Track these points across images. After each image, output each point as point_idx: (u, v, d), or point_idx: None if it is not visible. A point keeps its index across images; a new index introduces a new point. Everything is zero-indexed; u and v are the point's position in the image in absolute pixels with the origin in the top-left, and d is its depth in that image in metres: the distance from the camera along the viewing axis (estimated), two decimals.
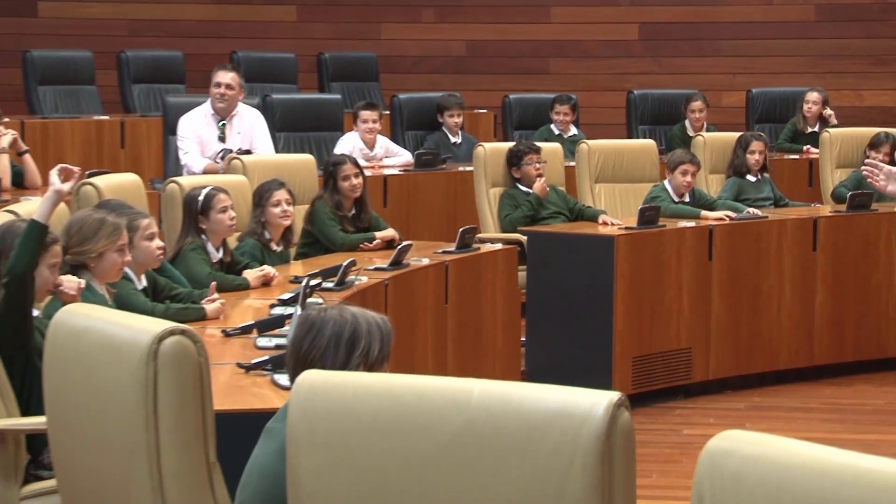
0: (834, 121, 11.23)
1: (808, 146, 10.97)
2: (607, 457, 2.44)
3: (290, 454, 2.76)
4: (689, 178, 8.83)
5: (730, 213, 8.66)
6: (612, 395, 2.48)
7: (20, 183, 8.48)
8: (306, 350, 3.38)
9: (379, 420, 2.67)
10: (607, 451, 2.44)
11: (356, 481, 2.68)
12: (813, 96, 11.37)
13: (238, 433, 3.60)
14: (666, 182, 8.92)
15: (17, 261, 4.78)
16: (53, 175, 5.14)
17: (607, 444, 2.44)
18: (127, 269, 5.49)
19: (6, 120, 8.76)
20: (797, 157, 10.93)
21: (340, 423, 2.71)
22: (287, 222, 7.14)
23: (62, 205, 5.64)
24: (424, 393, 2.67)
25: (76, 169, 5.31)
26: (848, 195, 9.14)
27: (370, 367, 3.35)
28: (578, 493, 2.43)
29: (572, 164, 9.52)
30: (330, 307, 3.53)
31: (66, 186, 5.16)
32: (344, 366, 3.34)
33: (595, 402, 2.47)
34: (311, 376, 2.81)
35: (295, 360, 3.39)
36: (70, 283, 5.00)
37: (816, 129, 11.04)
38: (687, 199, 8.85)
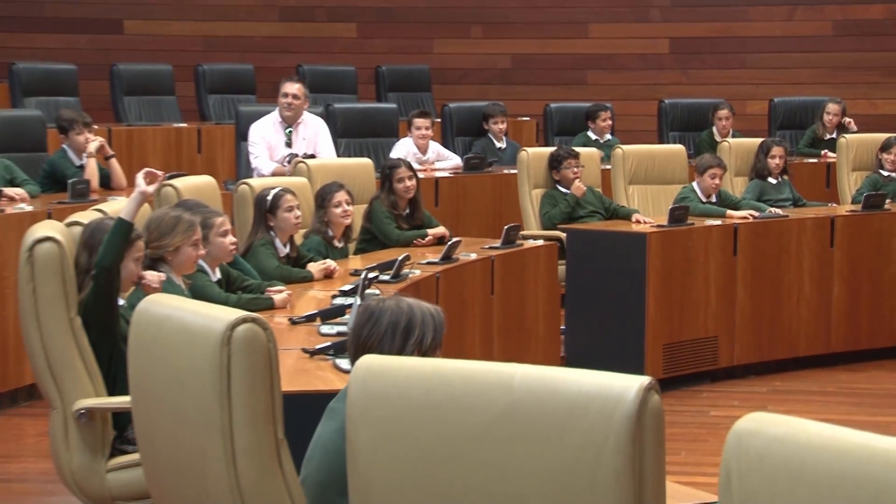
0: (854, 128, 11.19)
1: (826, 151, 10.95)
2: (638, 436, 2.44)
3: (349, 431, 2.78)
4: (716, 181, 8.83)
5: (753, 212, 8.65)
6: (644, 380, 2.48)
7: (107, 184, 8.55)
8: (365, 337, 3.40)
9: (430, 400, 2.68)
10: (638, 430, 2.44)
11: (408, 456, 2.69)
12: (833, 108, 11.34)
13: (303, 412, 3.61)
14: (695, 184, 8.91)
15: (104, 255, 4.81)
16: (139, 177, 5.17)
17: (638, 424, 2.44)
18: (202, 263, 5.53)
19: (95, 127, 8.82)
20: (815, 160, 10.89)
21: (395, 403, 2.73)
22: (347, 221, 7.15)
23: (146, 204, 5.68)
24: (472, 376, 2.68)
25: (160, 172, 5.34)
26: (863, 196, 9.13)
27: (423, 353, 3.36)
28: (612, 469, 2.43)
29: (608, 167, 9.50)
30: (387, 298, 3.54)
31: (151, 188, 5.19)
32: (399, 352, 3.35)
33: (627, 385, 2.47)
34: (368, 360, 2.83)
35: (355, 346, 3.41)
36: (153, 276, 5.04)
37: (834, 135, 10.99)
38: (714, 199, 8.83)
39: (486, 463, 2.59)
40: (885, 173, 9.67)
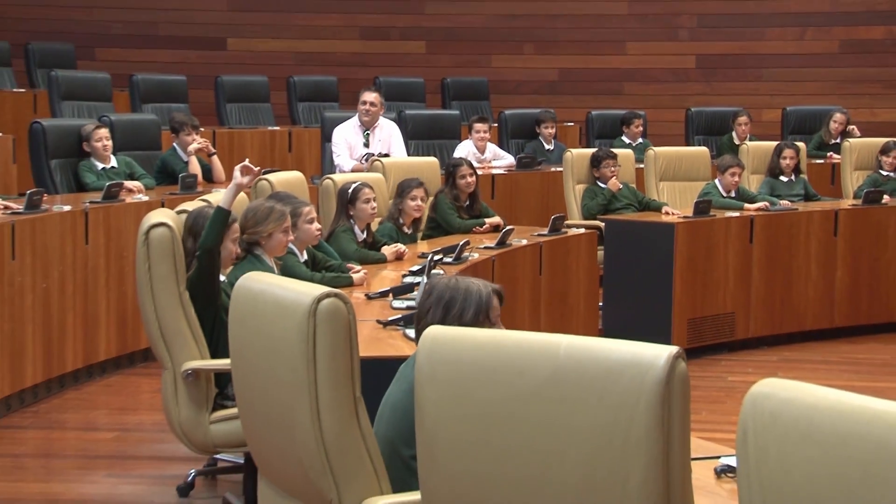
0: (857, 134, 11.11)
1: (831, 153, 10.88)
2: (667, 398, 2.42)
3: (417, 392, 2.77)
4: (736, 178, 8.82)
5: (767, 203, 8.62)
6: (672, 349, 2.46)
7: (209, 178, 8.60)
8: (420, 307, 3.45)
9: (486, 365, 2.67)
10: (667, 393, 2.43)
11: (468, 413, 2.69)
12: (839, 117, 11.29)
13: (376, 375, 3.62)
14: (717, 181, 8.88)
15: (206, 238, 4.84)
16: (237, 171, 5.20)
17: (667, 387, 2.42)
18: (292, 245, 5.54)
19: (202, 130, 8.88)
20: (822, 161, 10.80)
21: (457, 368, 2.72)
22: (419, 214, 7.15)
23: (243, 194, 5.71)
24: (522, 345, 2.66)
25: (255, 167, 5.36)
26: (864, 192, 9.11)
27: (465, 325, 3.36)
28: (644, 427, 2.42)
29: (641, 166, 9.46)
30: (448, 277, 3.55)
31: (245, 180, 5.22)
32: (440, 322, 3.33)
33: (658, 354, 2.45)
34: (434, 330, 2.82)
35: (417, 317, 3.45)
36: None
37: (838, 140, 10.90)
38: (733, 194, 8.80)
39: (534, 421, 2.58)
40: (884, 173, 9.65)
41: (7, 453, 6.02)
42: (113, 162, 8.11)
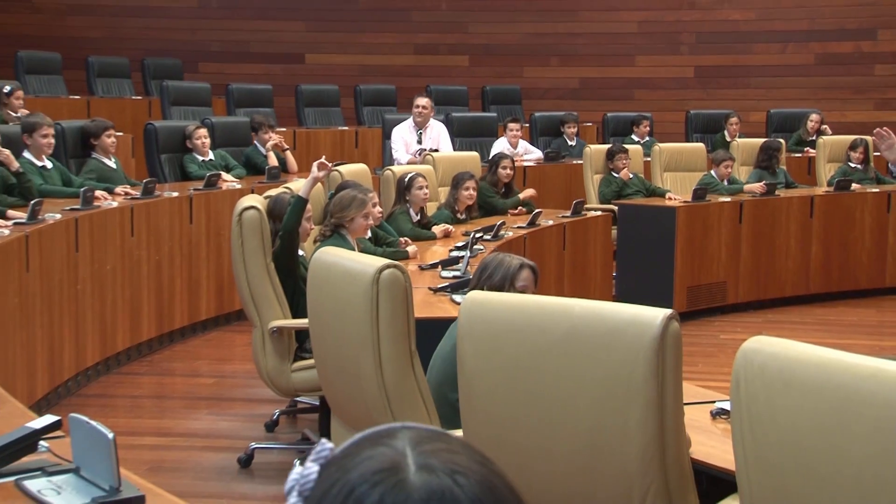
0: (829, 132, 10.97)
1: (808, 148, 10.76)
2: (661, 352, 2.45)
3: (459, 345, 2.79)
4: (728, 169, 8.80)
5: (755, 189, 8.60)
6: (667, 312, 2.49)
7: (284, 169, 8.60)
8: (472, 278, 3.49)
9: (515, 324, 2.68)
10: (661, 348, 2.45)
11: (499, 363, 2.71)
12: (815, 117, 11.15)
13: (428, 332, 3.63)
14: (713, 171, 8.84)
15: (287, 221, 4.88)
16: (314, 166, 5.21)
17: (662, 343, 2.45)
18: None
19: (281, 130, 8.89)
20: (800, 155, 10.67)
21: (491, 325, 2.74)
22: (471, 202, 7.17)
23: (319, 185, 5.71)
24: (544, 306, 2.68)
25: (330, 163, 5.38)
26: (835, 181, 9.03)
27: (495, 288, 3.38)
28: (642, 375, 2.46)
29: (648, 159, 9.39)
30: (498, 253, 3.61)
31: (321, 174, 5.24)
32: (475, 286, 3.40)
33: (655, 315, 2.48)
34: (473, 295, 2.84)
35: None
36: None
37: (814, 138, 10.76)
38: (726, 182, 8.73)
39: (552, 370, 2.61)
40: (853, 165, 9.55)
41: (127, 395, 6.09)
42: (211, 155, 8.15)
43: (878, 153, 5.79)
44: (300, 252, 5.01)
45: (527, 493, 0.93)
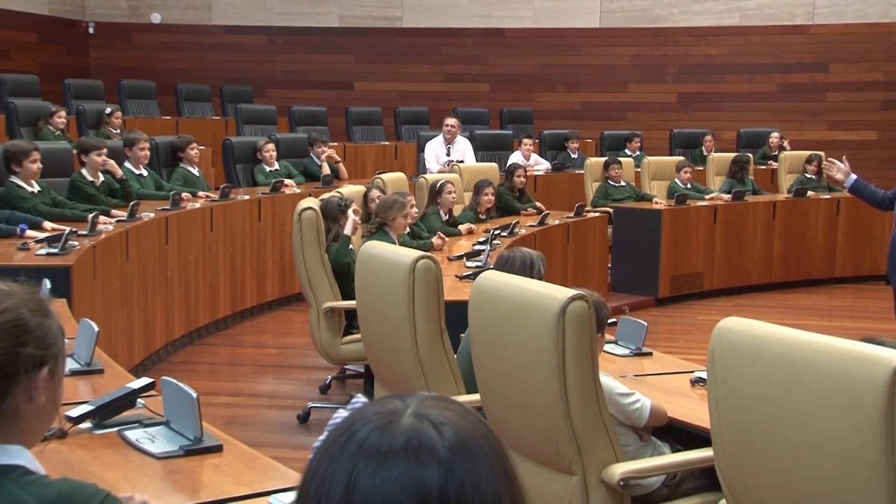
0: (789, 148, 10.86)
1: (771, 162, 10.65)
2: (561, 327, 2.48)
3: (470, 325, 2.77)
4: (688, 175, 8.71)
5: (723, 196, 8.52)
6: (572, 293, 2.49)
7: (338, 177, 8.61)
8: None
9: (513, 306, 2.65)
10: (561, 324, 2.48)
11: (498, 343, 2.67)
12: (777, 135, 11.04)
13: (455, 313, 3.62)
14: (676, 178, 8.75)
15: (337, 253, 4.94)
16: (350, 210, 5.08)
17: (561, 318, 2.48)
18: None
19: (333, 144, 8.88)
20: (765, 167, 10.57)
21: (486, 307, 2.70)
22: (490, 205, 7.15)
23: (357, 188, 5.69)
24: (548, 293, 2.65)
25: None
26: (794, 189, 8.96)
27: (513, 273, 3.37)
28: (551, 344, 2.50)
29: (639, 170, 9.32)
30: (518, 248, 3.58)
31: (357, 218, 5.13)
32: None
33: (564, 294, 2.50)
34: (484, 276, 2.81)
35: None
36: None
37: (776, 153, 10.66)
38: (689, 186, 8.67)
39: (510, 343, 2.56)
40: (808, 176, 9.48)
41: (206, 362, 6.12)
42: (276, 165, 8.17)
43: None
44: (350, 246, 5.02)
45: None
